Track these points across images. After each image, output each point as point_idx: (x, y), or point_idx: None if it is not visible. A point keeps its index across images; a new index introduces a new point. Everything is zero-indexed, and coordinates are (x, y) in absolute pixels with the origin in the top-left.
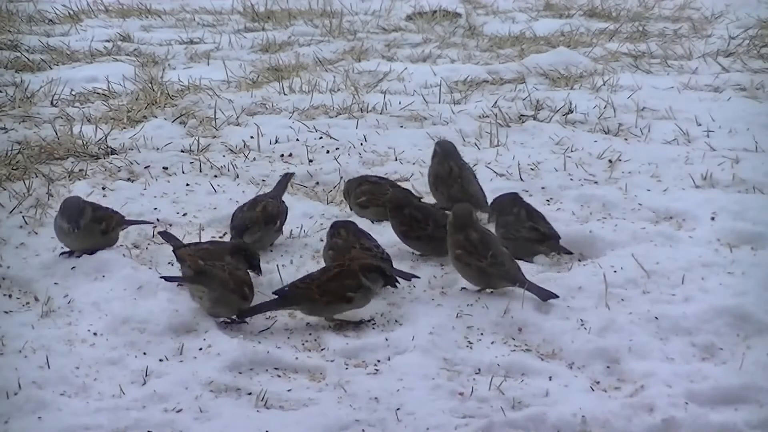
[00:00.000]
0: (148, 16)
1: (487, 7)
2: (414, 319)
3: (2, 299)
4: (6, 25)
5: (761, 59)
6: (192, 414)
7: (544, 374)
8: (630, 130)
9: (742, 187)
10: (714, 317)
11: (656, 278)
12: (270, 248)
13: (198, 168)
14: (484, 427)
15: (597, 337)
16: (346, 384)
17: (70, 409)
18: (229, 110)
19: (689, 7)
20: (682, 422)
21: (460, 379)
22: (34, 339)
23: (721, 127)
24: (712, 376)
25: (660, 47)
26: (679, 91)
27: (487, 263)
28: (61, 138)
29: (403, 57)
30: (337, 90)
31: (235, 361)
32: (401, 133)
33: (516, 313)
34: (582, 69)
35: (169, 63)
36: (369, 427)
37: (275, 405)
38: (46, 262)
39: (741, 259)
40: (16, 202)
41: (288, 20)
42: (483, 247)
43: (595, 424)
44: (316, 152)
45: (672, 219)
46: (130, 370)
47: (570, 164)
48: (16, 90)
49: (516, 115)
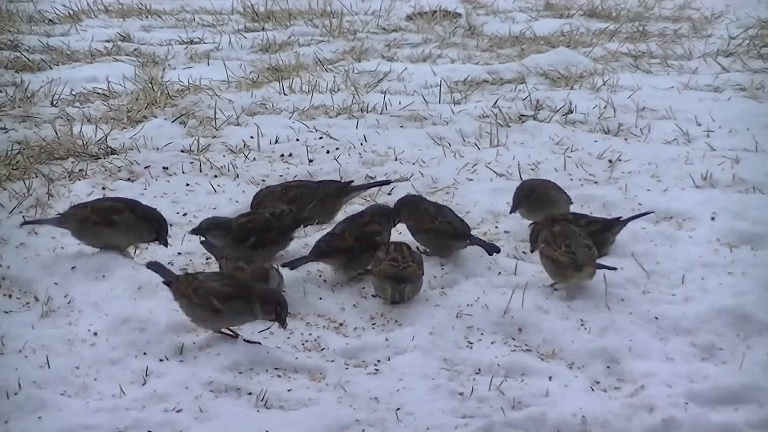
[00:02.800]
0: (148, 16)
1: (487, 7)
2: (414, 319)
3: (2, 299)
4: (6, 25)
5: (761, 59)
6: (192, 414)
7: (544, 374)
8: (630, 130)
9: (742, 187)
10: (714, 317)
11: (656, 278)
12: None
13: (198, 168)
14: (484, 427)
15: (597, 337)
16: (346, 384)
17: (70, 409)
18: (229, 110)
19: (689, 7)
20: (682, 422)
21: (460, 379)
22: (34, 339)
23: (721, 127)
24: (712, 376)
25: (660, 47)
26: (679, 91)
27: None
28: (61, 138)
29: (403, 57)
30: (337, 90)
31: (235, 361)
32: (401, 133)
33: (516, 313)
34: (582, 69)
35: (169, 63)
36: (369, 427)
37: (275, 405)
38: (46, 262)
39: (741, 259)
40: (16, 202)
41: (288, 20)
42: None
43: (595, 424)
44: (316, 152)
45: (672, 219)
46: (130, 370)
47: (570, 164)
48: (16, 90)
49: (516, 115)
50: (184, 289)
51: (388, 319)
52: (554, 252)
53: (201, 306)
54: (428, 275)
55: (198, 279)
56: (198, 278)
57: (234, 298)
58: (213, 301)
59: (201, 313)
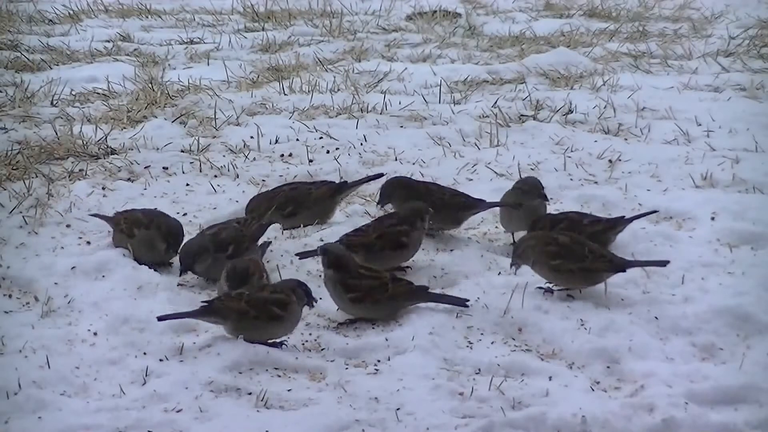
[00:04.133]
0: (148, 16)
1: (487, 7)
2: (414, 319)
3: (2, 299)
4: (6, 25)
5: (761, 59)
6: (192, 414)
7: (544, 374)
8: (630, 130)
9: (742, 187)
10: (714, 317)
11: (656, 278)
12: (270, 249)
13: (198, 168)
14: (484, 427)
15: (597, 337)
16: (346, 384)
17: (70, 409)
18: (229, 110)
19: (689, 7)
20: (682, 422)
21: (460, 379)
22: (34, 339)
23: (721, 127)
24: (712, 376)
25: (660, 47)
26: (679, 91)
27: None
28: (61, 138)
29: (403, 57)
30: (337, 90)
31: (235, 361)
32: (401, 133)
33: (516, 313)
34: (582, 69)
35: (169, 63)
36: (369, 427)
37: (275, 405)
38: (46, 262)
39: (741, 259)
40: (16, 202)
41: (288, 20)
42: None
43: (595, 424)
44: (316, 152)
45: (672, 219)
46: (130, 370)
47: (570, 164)
48: (16, 90)
49: (516, 115)
50: (236, 305)
51: (388, 320)
52: (584, 263)
53: (258, 317)
54: (428, 275)
55: (245, 293)
56: (244, 292)
57: (290, 303)
58: (274, 309)
59: (256, 325)
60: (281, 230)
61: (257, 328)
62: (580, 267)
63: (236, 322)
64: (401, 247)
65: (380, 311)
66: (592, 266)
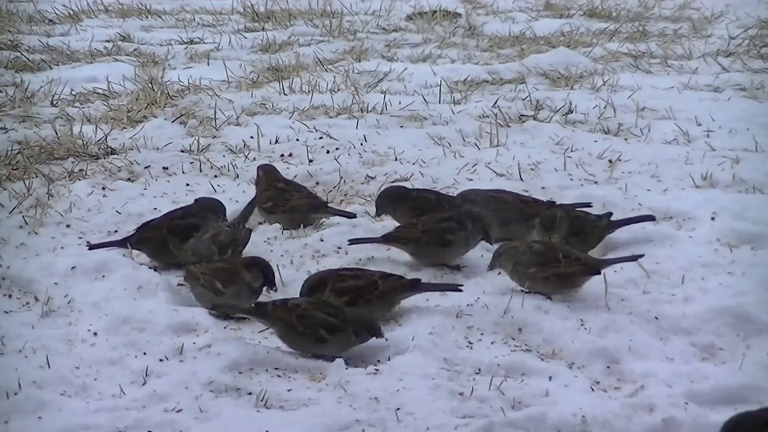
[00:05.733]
0: (148, 16)
1: (487, 7)
2: (414, 319)
3: (2, 299)
4: (6, 25)
5: (761, 59)
6: (192, 414)
7: (544, 374)
8: (630, 130)
9: (742, 187)
10: (714, 317)
11: (656, 278)
12: (270, 249)
13: (198, 168)
14: (484, 427)
15: (597, 337)
16: (346, 384)
17: (70, 409)
18: (229, 110)
19: (689, 7)
20: (682, 422)
21: (460, 379)
22: (34, 339)
23: (721, 127)
24: (712, 376)
25: (660, 47)
26: (679, 91)
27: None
28: (61, 138)
29: (403, 57)
30: (337, 90)
31: (235, 361)
32: (401, 133)
33: (516, 313)
34: (582, 69)
35: (169, 63)
36: (369, 427)
37: (275, 405)
38: (46, 262)
39: (741, 259)
40: (16, 202)
41: (288, 20)
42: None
43: (595, 424)
44: (316, 152)
45: (672, 219)
46: (130, 370)
47: (570, 164)
48: (16, 90)
49: (516, 115)
50: (287, 317)
51: (388, 319)
52: (557, 269)
53: (305, 335)
54: (429, 275)
55: (301, 306)
56: (301, 305)
57: (341, 330)
58: (321, 332)
59: (302, 340)
60: (281, 230)
61: (303, 344)
62: (554, 273)
63: (282, 331)
64: (446, 244)
65: (375, 310)
66: (566, 271)
